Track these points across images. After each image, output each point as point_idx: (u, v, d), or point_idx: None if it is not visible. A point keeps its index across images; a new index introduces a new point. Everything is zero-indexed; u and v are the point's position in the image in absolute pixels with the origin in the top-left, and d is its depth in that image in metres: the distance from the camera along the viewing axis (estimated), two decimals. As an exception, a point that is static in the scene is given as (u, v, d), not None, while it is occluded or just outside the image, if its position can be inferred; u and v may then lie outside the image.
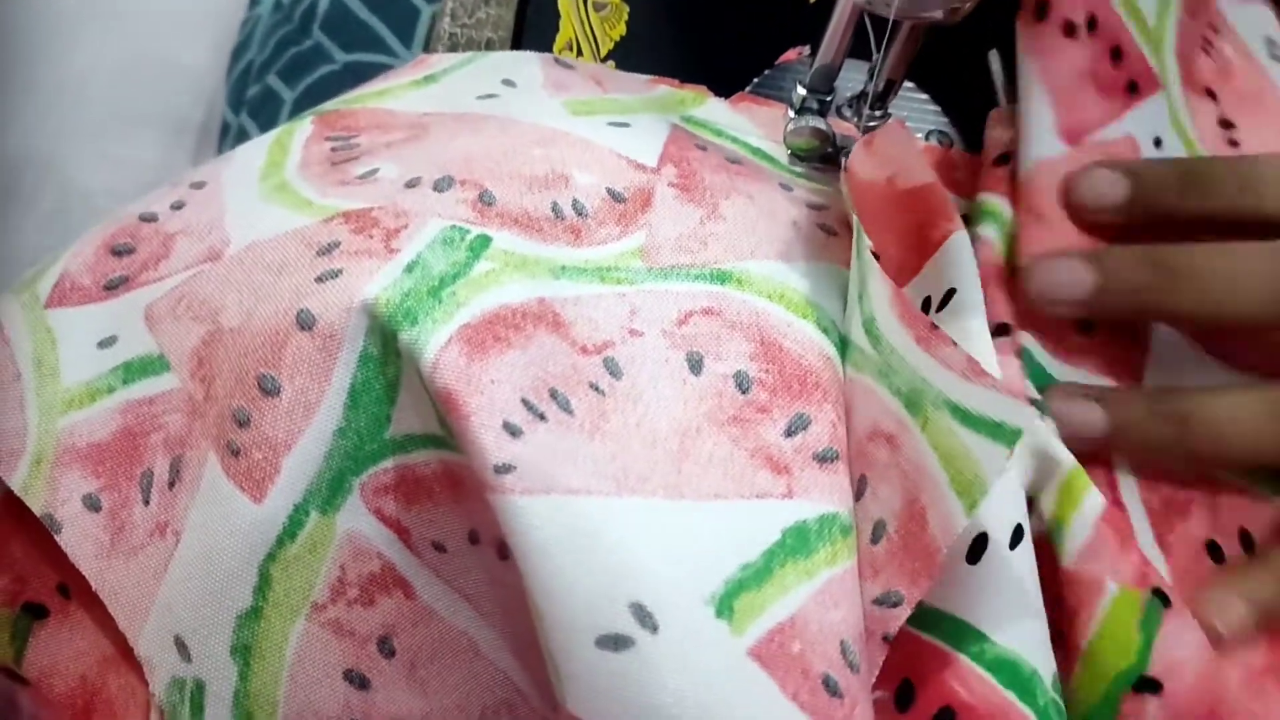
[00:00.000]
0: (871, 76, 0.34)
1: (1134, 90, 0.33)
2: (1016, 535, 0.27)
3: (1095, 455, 0.29)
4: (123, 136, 0.53)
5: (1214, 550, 0.30)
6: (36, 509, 0.28)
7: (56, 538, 0.28)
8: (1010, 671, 0.26)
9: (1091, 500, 0.28)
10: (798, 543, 0.25)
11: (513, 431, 0.25)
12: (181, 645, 0.28)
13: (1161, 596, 0.27)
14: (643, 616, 0.23)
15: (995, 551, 0.26)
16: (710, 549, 0.25)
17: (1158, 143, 0.33)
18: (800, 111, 0.35)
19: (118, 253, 0.31)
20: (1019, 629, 0.26)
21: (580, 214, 0.30)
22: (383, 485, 0.27)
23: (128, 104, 0.53)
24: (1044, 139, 0.32)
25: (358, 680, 0.27)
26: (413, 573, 0.28)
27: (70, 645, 0.29)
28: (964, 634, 0.26)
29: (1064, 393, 0.30)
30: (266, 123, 0.46)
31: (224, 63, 0.52)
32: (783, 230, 0.31)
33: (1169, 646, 0.27)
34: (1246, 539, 0.30)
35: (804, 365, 0.28)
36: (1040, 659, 0.26)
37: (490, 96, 0.35)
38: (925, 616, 0.26)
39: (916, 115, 0.39)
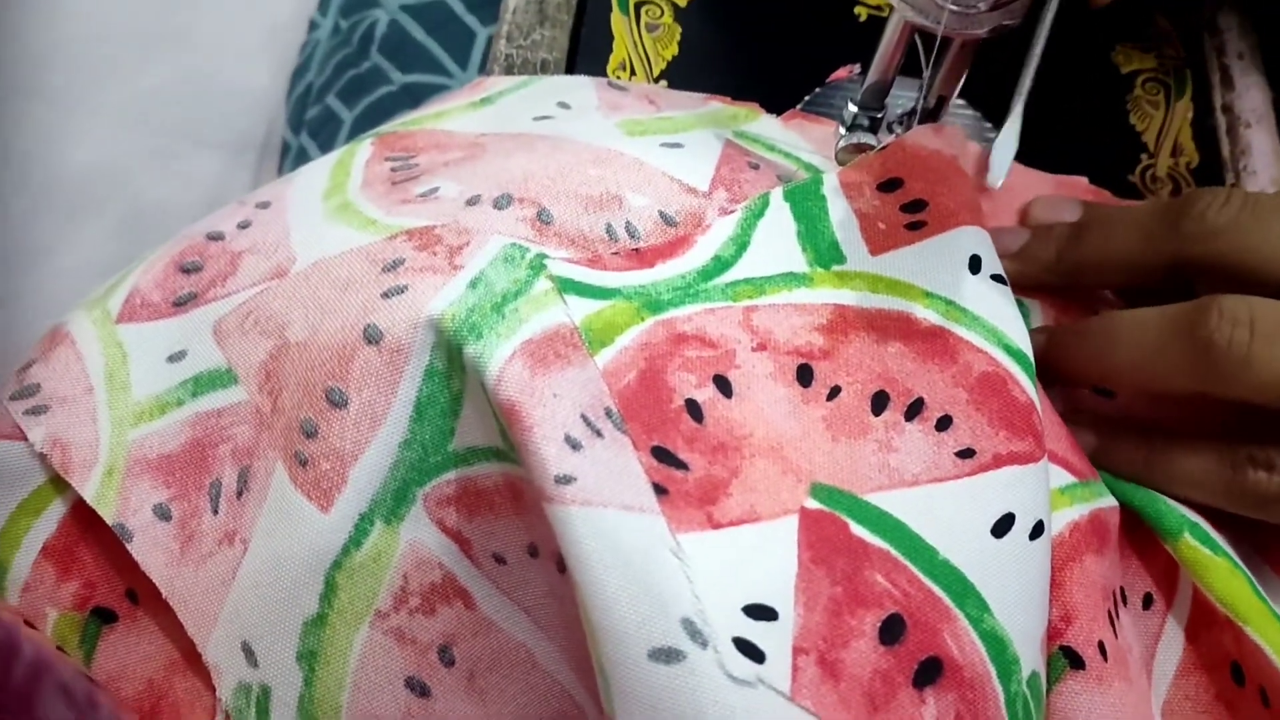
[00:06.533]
0: (922, 93, 0.34)
1: None
2: (1037, 529, 0.27)
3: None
4: (187, 154, 0.54)
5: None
6: (109, 518, 0.29)
7: (128, 546, 0.29)
8: (998, 648, 0.26)
9: None
10: None
11: (573, 445, 0.25)
12: (248, 651, 0.28)
13: (1071, 656, 0.28)
14: (693, 632, 0.23)
15: (1017, 534, 0.27)
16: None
17: None
18: (851, 128, 0.35)
19: (186, 270, 0.32)
20: (1016, 615, 0.26)
21: (633, 236, 0.31)
22: (445, 496, 0.28)
23: (192, 123, 0.54)
24: None
25: (419, 688, 0.28)
26: (473, 583, 0.28)
27: (137, 650, 0.30)
28: (968, 595, 0.26)
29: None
30: (326, 142, 0.47)
31: (284, 85, 0.53)
32: None
33: (1066, 704, 0.28)
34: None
35: None
36: (1026, 653, 0.26)
37: (545, 118, 0.35)
38: (936, 565, 0.26)
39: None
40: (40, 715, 0.18)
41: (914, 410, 0.28)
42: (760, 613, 0.24)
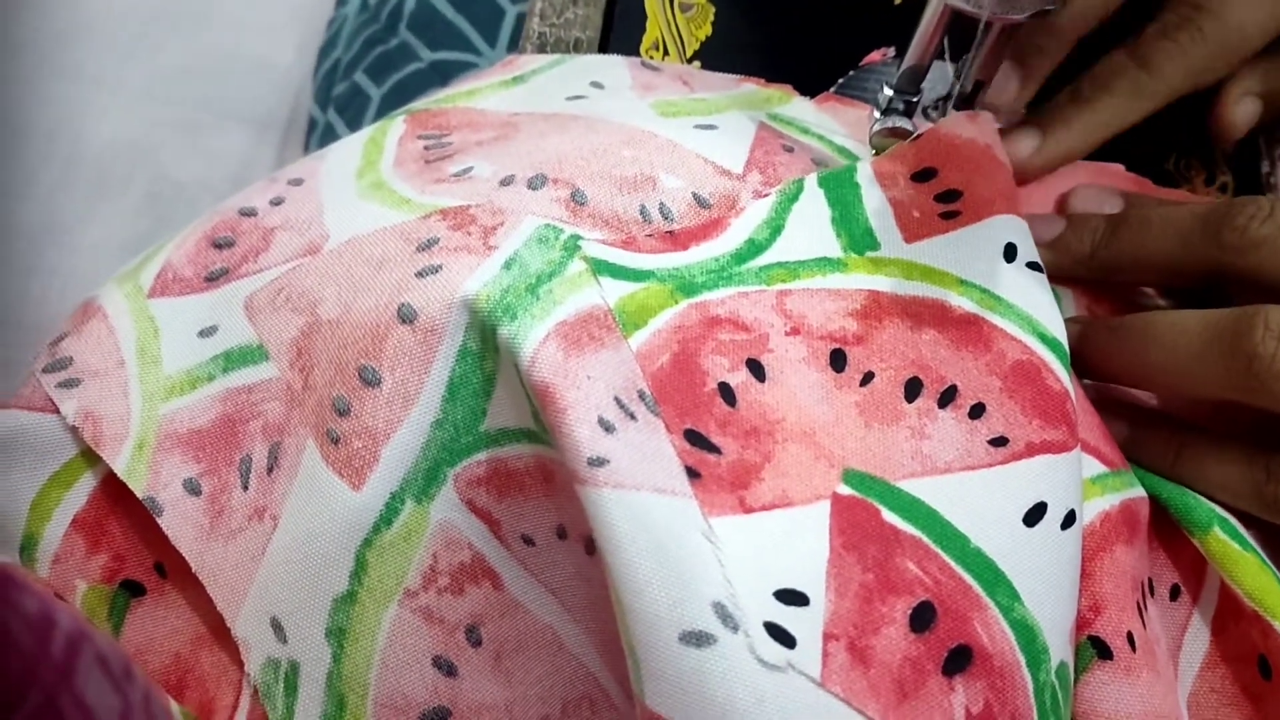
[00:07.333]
0: (958, 77, 0.34)
1: None
2: (1069, 519, 0.27)
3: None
4: (212, 130, 0.54)
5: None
6: (139, 492, 0.29)
7: (158, 520, 0.29)
8: (1028, 637, 0.26)
9: None
10: None
11: (606, 427, 0.25)
12: (278, 626, 0.28)
13: (1099, 646, 0.28)
14: (724, 616, 0.23)
15: (1049, 523, 0.27)
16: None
17: None
18: (886, 112, 0.35)
19: (219, 245, 0.32)
20: (1046, 604, 0.26)
21: (666, 218, 0.31)
22: (476, 477, 0.28)
23: (217, 100, 0.54)
24: None
25: (446, 667, 0.28)
26: (502, 564, 0.28)
27: (165, 623, 0.30)
28: (999, 584, 0.26)
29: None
30: (353, 119, 0.47)
31: (311, 61, 0.53)
32: None
33: (1093, 694, 0.27)
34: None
35: None
36: (1055, 642, 0.26)
37: (578, 98, 0.35)
38: (968, 553, 0.26)
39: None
40: (79, 686, 0.18)
41: (947, 397, 0.28)
42: (791, 598, 0.24)
